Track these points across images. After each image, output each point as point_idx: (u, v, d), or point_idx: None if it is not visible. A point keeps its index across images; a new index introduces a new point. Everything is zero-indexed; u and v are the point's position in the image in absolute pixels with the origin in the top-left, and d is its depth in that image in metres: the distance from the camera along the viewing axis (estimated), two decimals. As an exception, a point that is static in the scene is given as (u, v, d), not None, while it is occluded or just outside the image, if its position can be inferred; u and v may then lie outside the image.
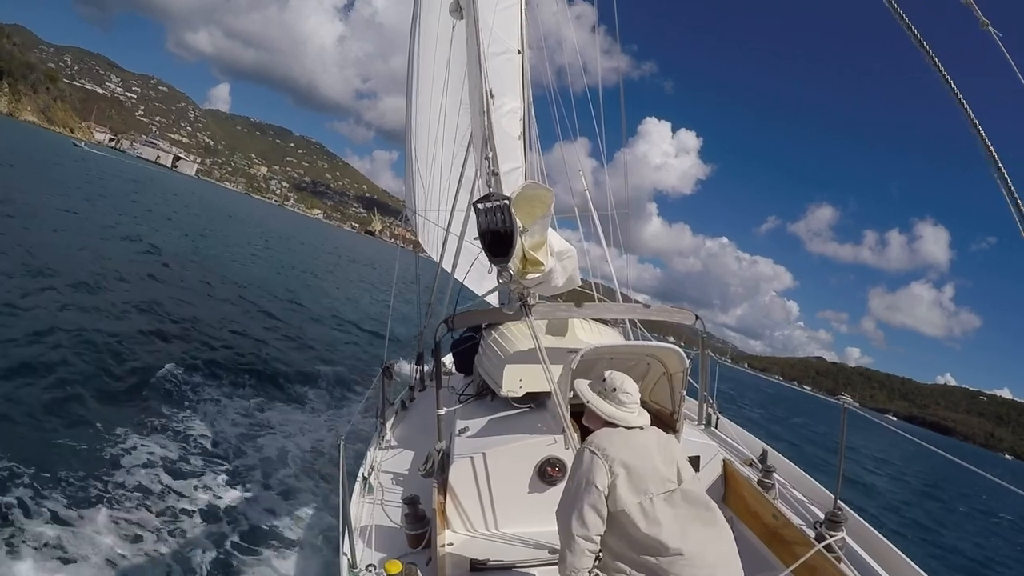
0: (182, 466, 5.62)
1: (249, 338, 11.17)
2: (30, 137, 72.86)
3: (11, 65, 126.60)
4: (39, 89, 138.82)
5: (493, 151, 3.32)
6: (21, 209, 16.49)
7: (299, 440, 7.10)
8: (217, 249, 23.99)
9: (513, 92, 7.14)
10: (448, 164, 6.83)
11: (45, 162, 39.02)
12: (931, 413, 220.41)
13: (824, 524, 2.92)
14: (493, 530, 3.12)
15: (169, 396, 7.18)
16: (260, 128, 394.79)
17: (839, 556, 2.77)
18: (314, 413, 8.44)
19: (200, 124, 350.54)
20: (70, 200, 22.78)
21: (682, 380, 3.27)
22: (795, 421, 35.25)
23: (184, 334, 9.93)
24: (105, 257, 13.87)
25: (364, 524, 3.06)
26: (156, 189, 52.35)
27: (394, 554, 2.79)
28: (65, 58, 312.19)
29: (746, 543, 3.16)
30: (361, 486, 3.41)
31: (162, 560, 4.26)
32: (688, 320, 3.96)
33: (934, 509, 18.33)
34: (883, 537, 2.93)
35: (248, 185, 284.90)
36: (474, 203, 2.69)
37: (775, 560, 2.99)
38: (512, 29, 7.12)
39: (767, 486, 3.37)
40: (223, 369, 8.74)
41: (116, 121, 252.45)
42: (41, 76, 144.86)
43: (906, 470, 26.68)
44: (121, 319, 9.51)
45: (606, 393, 2.48)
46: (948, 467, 28.51)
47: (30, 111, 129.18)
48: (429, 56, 7.50)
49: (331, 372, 10.60)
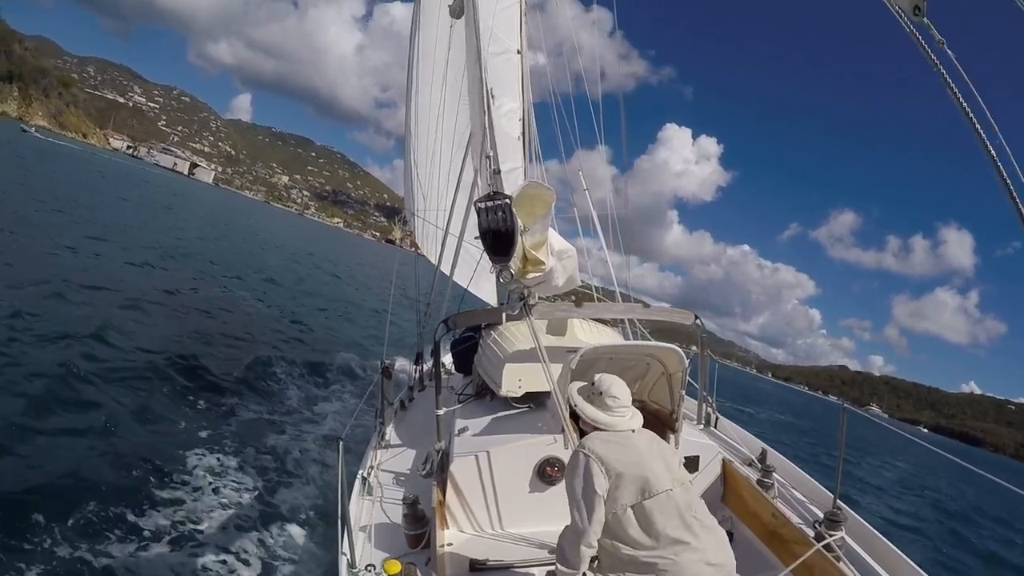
0: (180, 465, 5.61)
1: (244, 336, 11.16)
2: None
3: (23, 69, 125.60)
4: (51, 94, 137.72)
5: (494, 149, 3.32)
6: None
7: (298, 439, 7.10)
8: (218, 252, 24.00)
9: (512, 92, 7.15)
10: (447, 165, 6.84)
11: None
12: (959, 423, 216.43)
13: (823, 524, 2.93)
14: (493, 530, 3.13)
15: (168, 395, 7.17)
16: (281, 138, 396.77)
17: (838, 555, 2.78)
18: (313, 412, 8.43)
19: (222, 134, 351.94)
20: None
21: (681, 380, 3.27)
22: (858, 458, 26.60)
23: (186, 332, 9.92)
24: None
25: (363, 524, 3.06)
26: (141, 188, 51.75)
27: (393, 554, 2.78)
28: (88, 68, 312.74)
29: (746, 543, 3.16)
30: (360, 486, 3.41)
31: (160, 559, 4.25)
32: (687, 320, 3.97)
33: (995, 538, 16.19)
34: (882, 537, 2.94)
35: (268, 194, 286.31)
36: (475, 202, 2.69)
37: (774, 560, 2.99)
38: (512, 29, 7.14)
39: (766, 486, 3.37)
40: (223, 368, 8.73)
41: (137, 130, 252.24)
42: (54, 81, 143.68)
43: (944, 491, 23.69)
44: (131, 315, 9.51)
45: (594, 397, 2.49)
46: (988, 487, 25.91)
47: (41, 116, 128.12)
48: (428, 56, 7.51)
49: (334, 368, 10.60)
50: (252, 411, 7.66)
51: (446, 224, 6.18)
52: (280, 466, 6.25)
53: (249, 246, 31.26)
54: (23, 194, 20.62)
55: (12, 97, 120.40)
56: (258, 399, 8.19)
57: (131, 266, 14.22)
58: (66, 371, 6.65)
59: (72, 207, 21.39)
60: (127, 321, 9.46)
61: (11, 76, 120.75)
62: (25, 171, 30.41)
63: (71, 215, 19.29)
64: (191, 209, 45.54)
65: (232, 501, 5.31)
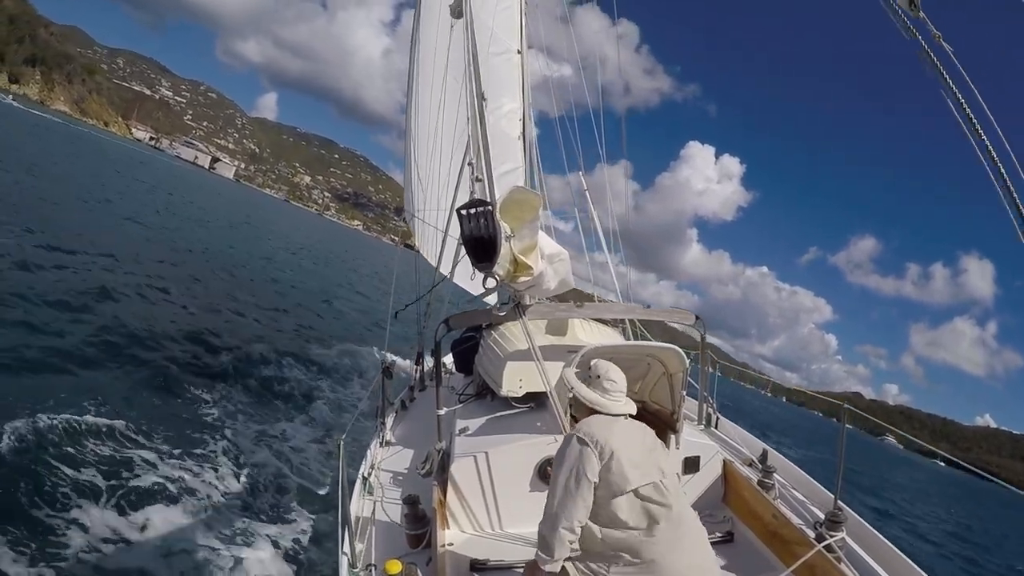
0: (179, 463, 5.61)
1: (250, 336, 11.16)
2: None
3: (46, 53, 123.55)
4: (75, 80, 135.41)
5: (479, 157, 3.32)
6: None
7: (299, 439, 7.11)
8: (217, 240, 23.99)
9: (512, 93, 7.15)
10: (447, 166, 6.84)
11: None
12: (975, 457, 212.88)
13: (824, 524, 2.93)
14: (493, 530, 3.12)
15: (168, 393, 7.17)
16: (305, 138, 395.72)
17: (839, 556, 2.77)
18: (314, 412, 8.44)
19: (247, 131, 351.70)
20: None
21: (682, 380, 3.27)
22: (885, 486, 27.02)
23: (187, 329, 9.91)
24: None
25: (364, 524, 3.06)
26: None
27: (394, 554, 2.78)
28: (118, 60, 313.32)
29: (746, 543, 3.16)
30: (361, 486, 3.40)
31: (159, 559, 4.25)
32: (688, 321, 3.97)
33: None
34: (883, 537, 2.94)
35: (290, 193, 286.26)
36: (457, 209, 2.69)
37: (775, 560, 2.99)
38: (512, 29, 7.13)
39: (767, 486, 3.37)
40: (223, 368, 8.73)
41: (163, 123, 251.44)
42: (78, 68, 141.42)
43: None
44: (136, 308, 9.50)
45: (591, 380, 2.50)
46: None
47: (63, 101, 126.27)
48: (429, 56, 7.51)
49: (334, 367, 10.61)
50: (252, 411, 7.67)
51: (446, 225, 6.17)
52: (280, 466, 6.26)
53: (253, 239, 31.03)
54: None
55: (34, 80, 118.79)
56: (258, 399, 8.20)
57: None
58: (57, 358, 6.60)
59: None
60: (129, 310, 9.45)
61: (35, 60, 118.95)
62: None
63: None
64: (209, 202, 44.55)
65: (232, 500, 5.31)
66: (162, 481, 5.22)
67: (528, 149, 7.22)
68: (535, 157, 7.22)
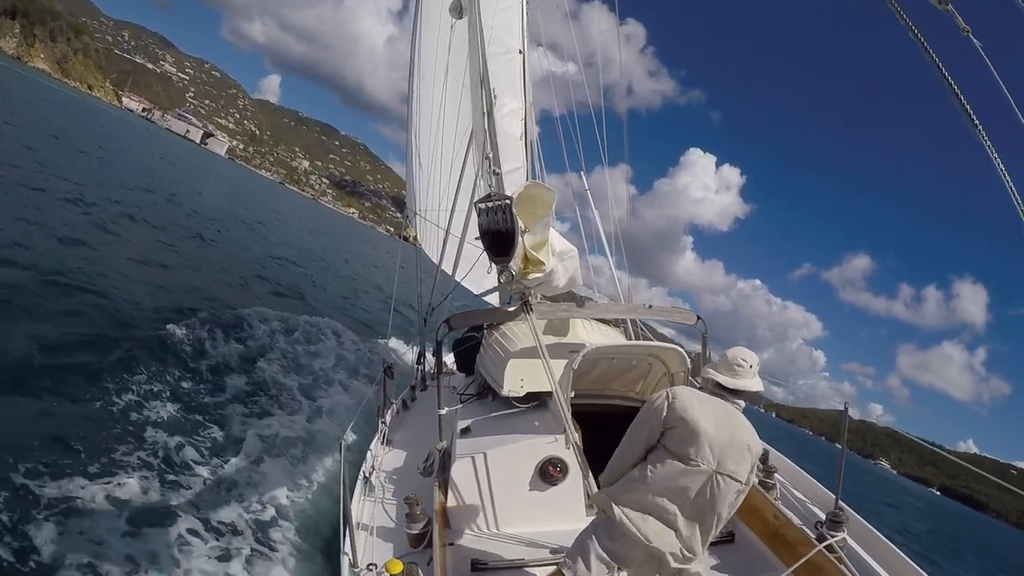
0: (177, 462, 5.58)
1: (243, 332, 11.13)
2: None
3: (28, 7, 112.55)
4: (58, 38, 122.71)
5: (495, 150, 3.33)
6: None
7: (299, 438, 7.09)
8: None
9: (514, 92, 7.15)
10: (448, 165, 6.85)
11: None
12: (962, 484, 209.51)
13: (825, 524, 2.93)
14: (494, 530, 3.13)
15: (167, 392, 7.15)
16: (306, 123, 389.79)
17: (840, 556, 2.77)
18: (314, 411, 8.42)
19: (248, 112, 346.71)
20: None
21: (683, 380, 3.27)
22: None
23: (190, 317, 9.87)
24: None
25: (365, 523, 3.07)
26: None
27: (395, 553, 2.79)
28: (123, 33, 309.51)
29: (747, 543, 3.16)
30: (362, 485, 3.41)
31: (157, 559, 4.25)
32: (689, 320, 3.97)
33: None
34: (884, 537, 2.94)
35: (288, 176, 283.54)
36: (475, 203, 2.69)
37: (776, 560, 2.99)
38: (513, 29, 7.13)
39: (768, 486, 3.37)
40: (221, 363, 8.70)
41: (162, 97, 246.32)
42: (64, 25, 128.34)
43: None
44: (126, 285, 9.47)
45: (723, 367, 2.47)
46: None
47: (43, 59, 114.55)
48: (430, 56, 7.52)
49: (335, 367, 10.58)
50: (252, 410, 7.65)
51: (448, 224, 6.18)
52: (281, 465, 6.24)
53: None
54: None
55: (12, 34, 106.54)
56: (258, 398, 8.18)
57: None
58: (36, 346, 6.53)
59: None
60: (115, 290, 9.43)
61: (15, 11, 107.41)
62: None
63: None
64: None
65: (232, 500, 5.30)
66: (154, 476, 5.19)
67: (530, 149, 7.22)
68: (537, 157, 7.23)
